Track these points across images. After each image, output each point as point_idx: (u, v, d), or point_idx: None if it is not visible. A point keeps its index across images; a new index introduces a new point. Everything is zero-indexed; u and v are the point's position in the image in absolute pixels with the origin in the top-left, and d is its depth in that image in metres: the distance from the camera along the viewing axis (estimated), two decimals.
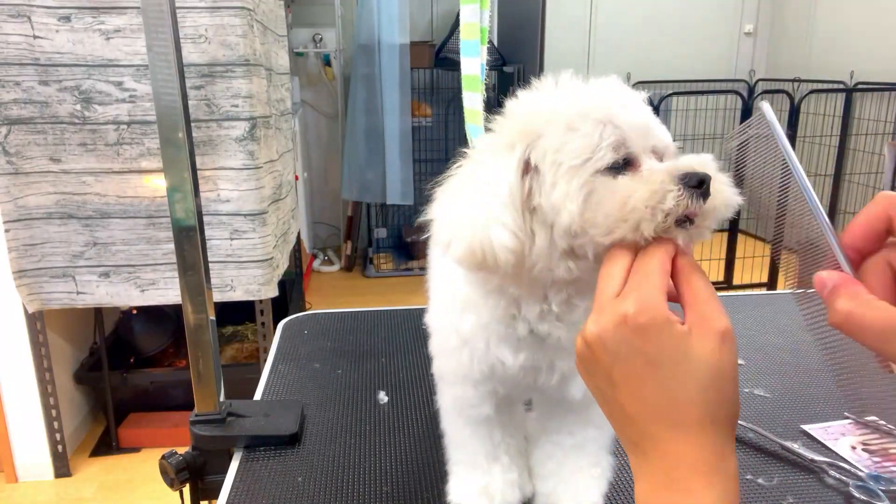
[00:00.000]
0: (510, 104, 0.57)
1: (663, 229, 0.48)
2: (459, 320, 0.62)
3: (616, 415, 0.47)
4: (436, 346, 0.67)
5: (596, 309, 0.47)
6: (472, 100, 0.74)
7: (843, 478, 0.74)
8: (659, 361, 0.44)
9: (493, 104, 0.73)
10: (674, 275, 0.48)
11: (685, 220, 0.48)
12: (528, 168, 0.53)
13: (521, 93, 0.57)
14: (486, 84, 0.78)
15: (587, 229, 0.50)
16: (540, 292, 0.57)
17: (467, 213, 0.53)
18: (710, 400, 0.44)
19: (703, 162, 0.50)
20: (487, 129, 0.58)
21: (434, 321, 0.67)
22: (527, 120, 0.54)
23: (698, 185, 0.48)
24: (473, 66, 0.75)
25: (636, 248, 0.49)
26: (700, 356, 0.44)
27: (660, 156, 0.53)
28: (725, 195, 0.50)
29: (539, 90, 0.56)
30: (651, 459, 0.45)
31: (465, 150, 0.59)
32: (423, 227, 0.58)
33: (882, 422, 0.85)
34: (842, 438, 0.82)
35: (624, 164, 0.50)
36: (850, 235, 0.47)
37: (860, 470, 0.76)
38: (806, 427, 0.85)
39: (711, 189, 0.48)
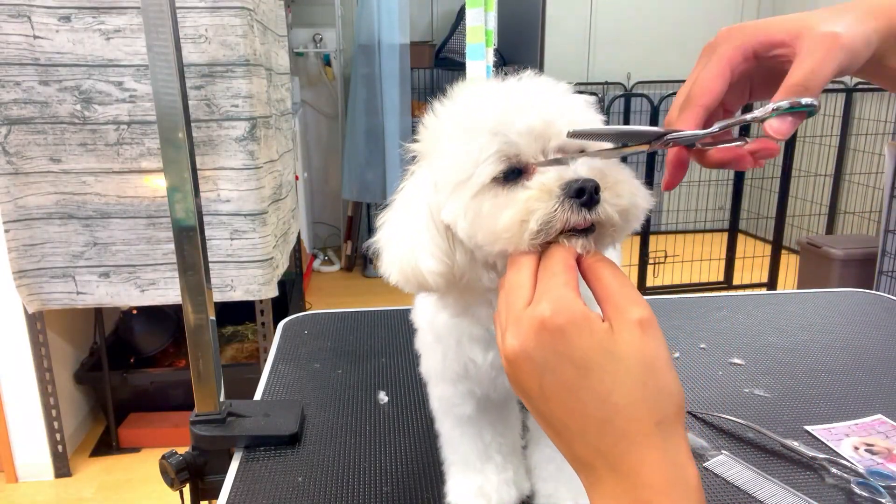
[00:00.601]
0: (425, 119, 0.56)
1: (545, 241, 0.46)
2: (434, 317, 0.62)
3: (560, 433, 0.44)
4: (419, 343, 0.68)
5: (511, 322, 0.44)
6: None
7: (844, 475, 0.74)
8: (587, 366, 0.41)
9: None
10: (583, 274, 0.46)
11: (578, 231, 0.46)
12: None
13: (434, 106, 0.56)
14: None
15: (478, 244, 0.49)
16: (484, 296, 0.57)
17: (396, 240, 0.54)
18: (648, 397, 0.41)
19: (596, 167, 0.47)
20: (412, 146, 0.58)
21: (416, 319, 0.68)
22: (427, 137, 0.55)
23: (577, 194, 0.45)
24: (479, 69, 0.76)
25: (537, 254, 0.47)
26: (625, 352, 0.41)
27: (569, 155, 0.50)
28: (624, 203, 0.47)
29: (446, 102, 0.56)
30: (605, 481, 0.42)
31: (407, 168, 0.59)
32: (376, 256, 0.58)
33: (890, 420, 0.85)
34: (845, 439, 0.82)
35: (518, 173, 0.49)
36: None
37: (860, 468, 0.76)
38: (809, 427, 0.85)
39: (603, 197, 0.46)
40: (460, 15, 4.03)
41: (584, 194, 0.45)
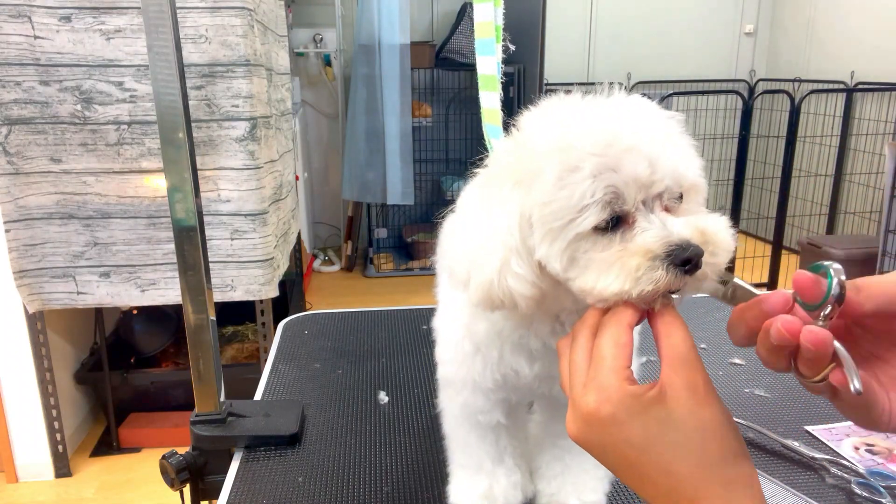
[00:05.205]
0: (518, 130, 0.54)
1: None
2: (472, 326, 0.60)
3: (640, 493, 0.45)
4: (444, 352, 0.65)
5: (571, 405, 0.46)
6: (490, 99, 0.71)
7: (845, 475, 0.74)
8: (644, 443, 0.42)
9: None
10: (653, 330, 0.46)
11: (671, 291, 0.46)
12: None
13: (528, 115, 0.53)
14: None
15: (573, 289, 0.49)
16: (552, 313, 0.56)
17: (482, 257, 0.51)
18: (710, 461, 0.42)
19: (694, 224, 0.47)
20: (497, 149, 0.55)
21: (443, 326, 0.66)
22: (526, 159, 0.51)
23: (684, 264, 0.45)
24: (489, 64, 0.74)
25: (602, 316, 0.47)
26: (680, 420, 0.42)
27: (668, 203, 0.48)
28: (719, 261, 0.47)
29: (540, 117, 0.52)
30: None
31: (478, 163, 0.56)
32: (433, 254, 0.56)
33: None
34: (846, 440, 0.82)
35: (617, 220, 0.47)
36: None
37: (861, 468, 0.75)
38: (809, 428, 0.85)
39: (703, 261, 0.45)
40: (460, 15, 4.02)
41: (690, 264, 0.45)
